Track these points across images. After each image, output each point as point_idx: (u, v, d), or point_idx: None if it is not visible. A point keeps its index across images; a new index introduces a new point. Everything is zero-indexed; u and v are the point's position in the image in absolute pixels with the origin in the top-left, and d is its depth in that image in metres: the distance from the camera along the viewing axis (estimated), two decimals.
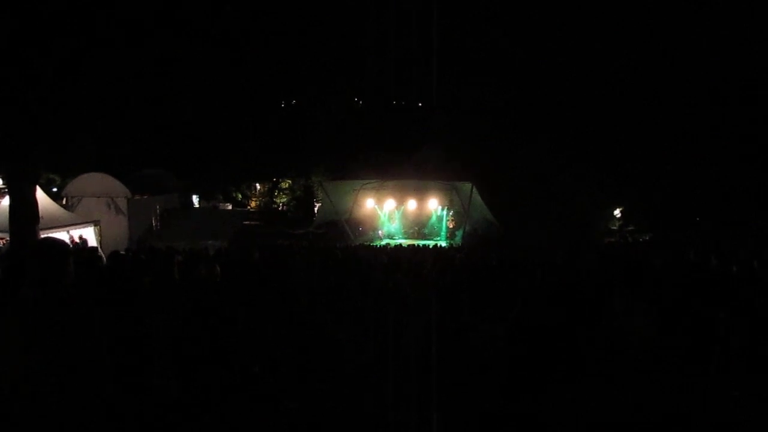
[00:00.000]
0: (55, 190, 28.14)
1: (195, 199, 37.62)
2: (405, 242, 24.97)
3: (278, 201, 43.26)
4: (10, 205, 12.12)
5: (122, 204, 22.41)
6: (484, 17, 43.27)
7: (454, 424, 5.47)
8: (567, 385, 6.08)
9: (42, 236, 10.51)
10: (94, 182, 22.39)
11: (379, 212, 29.15)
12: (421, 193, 28.74)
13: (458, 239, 26.29)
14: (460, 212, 27.99)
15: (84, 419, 2.81)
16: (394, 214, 29.58)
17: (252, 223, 34.40)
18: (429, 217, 29.64)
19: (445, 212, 28.97)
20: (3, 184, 24.82)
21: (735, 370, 6.82)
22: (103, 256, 12.86)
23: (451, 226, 28.79)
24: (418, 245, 21.10)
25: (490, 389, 5.67)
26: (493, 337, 5.36)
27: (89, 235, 18.50)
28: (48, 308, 2.80)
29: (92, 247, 13.41)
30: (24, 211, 11.77)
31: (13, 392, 2.73)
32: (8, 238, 13.55)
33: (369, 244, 22.62)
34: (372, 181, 28.13)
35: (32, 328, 2.75)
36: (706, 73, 35.09)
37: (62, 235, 16.36)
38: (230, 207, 40.56)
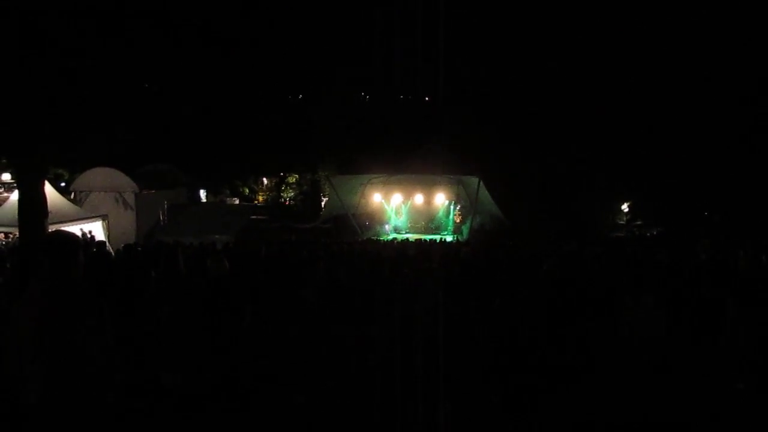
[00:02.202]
0: (63, 184, 28.26)
1: (202, 193, 37.70)
2: (412, 237, 24.96)
3: (285, 195, 43.35)
4: (19, 200, 12.18)
5: (130, 199, 22.44)
6: (492, 12, 43.10)
7: (461, 418, 5.48)
8: (574, 378, 6.09)
9: (52, 230, 10.58)
10: (102, 177, 22.42)
11: (386, 207, 29.14)
12: (428, 188, 28.73)
13: (465, 233, 26.24)
14: (467, 207, 27.93)
15: (92, 410, 2.84)
16: (401, 208, 29.57)
17: (259, 217, 34.41)
18: (436, 212, 29.61)
19: (452, 207, 28.93)
20: (12, 178, 24.95)
21: (741, 364, 6.81)
22: (111, 250, 12.94)
23: (457, 221, 28.74)
24: (425, 240, 21.08)
25: (497, 383, 5.69)
26: (499, 330, 5.38)
27: (97, 229, 18.56)
28: (58, 300, 2.83)
29: (101, 241, 13.47)
30: (33, 206, 11.82)
31: (23, 383, 2.76)
32: (17, 233, 13.63)
33: (376, 239, 22.62)
34: (379, 175, 28.11)
35: (42, 320, 2.77)
36: (714, 65, 34.87)
37: (73, 229, 16.46)
38: (237, 201, 40.62)
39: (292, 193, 43.32)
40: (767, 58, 32.68)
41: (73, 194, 22.13)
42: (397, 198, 29.07)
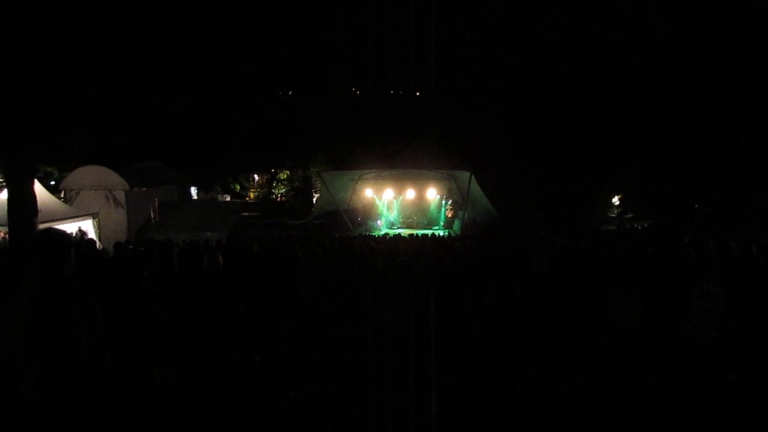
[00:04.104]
0: (53, 183, 28.10)
1: (193, 191, 37.56)
2: (404, 232, 24.96)
3: (276, 192, 43.24)
4: (9, 199, 12.11)
5: (120, 196, 22.33)
6: (484, 7, 43.12)
7: (453, 411, 5.50)
8: (565, 371, 6.12)
9: (42, 228, 10.50)
10: (92, 175, 22.32)
11: (378, 202, 29.12)
12: (419, 183, 28.69)
13: (456, 228, 26.29)
14: (459, 201, 27.97)
15: (85, 407, 2.83)
16: (392, 203, 29.54)
17: (251, 214, 34.34)
18: (428, 207, 29.61)
19: (443, 201, 28.94)
20: (1, 177, 24.78)
21: (733, 354, 6.86)
22: (102, 248, 12.87)
23: (449, 216, 28.77)
24: (417, 235, 21.10)
25: (489, 377, 5.70)
26: (492, 324, 5.39)
27: (88, 227, 18.49)
28: (49, 298, 2.81)
29: (90, 239, 13.40)
30: (23, 205, 11.77)
31: (16, 383, 2.74)
32: (7, 232, 13.56)
33: (368, 234, 22.62)
34: (370, 170, 28.08)
35: (33, 318, 2.76)
36: (704, 61, 35.04)
37: (69, 227, 16.40)
38: (229, 198, 40.50)
39: (284, 190, 43.22)
40: (758, 51, 32.83)
41: (63, 193, 22.02)
42: (388, 193, 29.02)
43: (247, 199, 42.52)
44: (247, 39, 41.87)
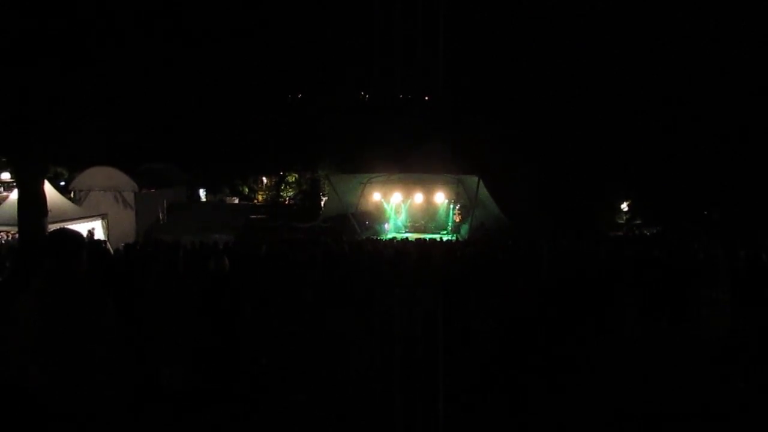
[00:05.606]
0: (63, 183, 28.25)
1: (202, 192, 37.67)
2: (411, 236, 24.91)
3: (285, 195, 43.32)
4: (19, 199, 12.17)
5: (129, 198, 22.44)
6: (493, 11, 43.14)
7: (459, 414, 5.49)
8: (572, 376, 6.09)
9: (56, 228, 10.56)
10: (101, 176, 22.44)
11: (386, 206, 29.10)
12: (427, 187, 28.66)
13: (464, 233, 26.24)
14: (467, 206, 27.92)
15: (94, 407, 2.84)
16: (400, 207, 29.52)
17: (259, 216, 34.39)
18: (436, 211, 29.57)
19: (451, 206, 28.88)
20: (11, 177, 24.93)
21: (742, 361, 6.81)
22: (111, 249, 12.93)
23: (457, 220, 28.70)
24: (425, 239, 21.05)
25: (495, 379, 5.70)
26: (498, 328, 5.39)
27: (97, 228, 18.58)
28: (61, 297, 2.83)
29: (99, 240, 13.47)
30: (32, 205, 11.80)
31: (26, 382, 2.76)
32: (16, 232, 13.63)
33: (376, 238, 22.59)
34: (379, 174, 28.08)
35: (45, 316, 2.77)
36: (713, 64, 34.89)
37: (78, 228, 16.43)
38: (237, 201, 40.59)
39: (292, 193, 43.32)
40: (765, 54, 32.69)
41: (72, 193, 22.14)
42: (396, 197, 29.02)
43: (255, 201, 42.62)
44: (257, 42, 42.02)
